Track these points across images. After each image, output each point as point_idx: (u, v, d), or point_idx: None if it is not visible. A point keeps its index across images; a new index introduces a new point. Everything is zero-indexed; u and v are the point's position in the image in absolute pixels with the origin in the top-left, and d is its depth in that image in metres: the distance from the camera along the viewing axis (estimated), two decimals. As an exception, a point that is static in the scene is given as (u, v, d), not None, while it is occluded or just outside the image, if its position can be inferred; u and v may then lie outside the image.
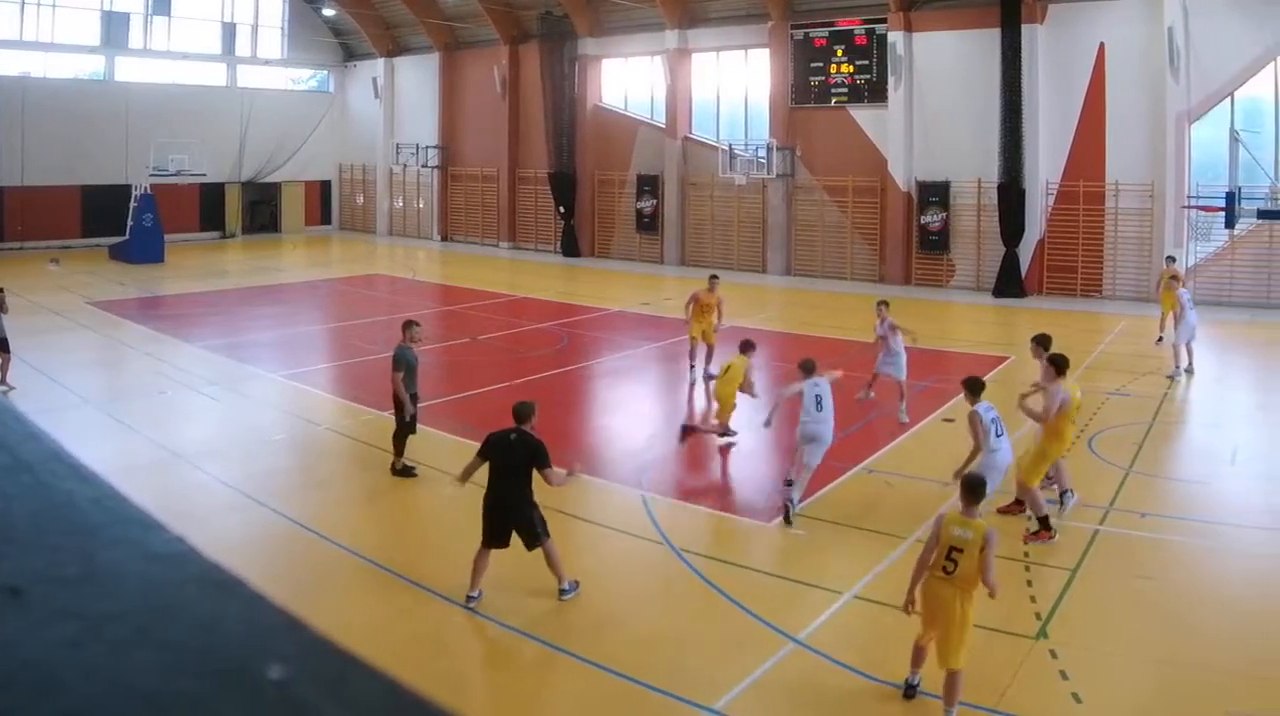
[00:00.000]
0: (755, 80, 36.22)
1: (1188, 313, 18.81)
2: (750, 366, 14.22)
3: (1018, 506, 11.40)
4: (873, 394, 16.40)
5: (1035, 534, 10.87)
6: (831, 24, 33.76)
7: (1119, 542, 10.94)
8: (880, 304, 16.75)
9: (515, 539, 9.33)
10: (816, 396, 11.75)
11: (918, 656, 7.82)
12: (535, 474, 9.34)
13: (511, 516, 9.25)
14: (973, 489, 7.84)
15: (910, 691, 7.85)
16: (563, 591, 9.38)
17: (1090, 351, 20.90)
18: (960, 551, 7.36)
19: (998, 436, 10.69)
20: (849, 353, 19.28)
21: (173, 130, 40.72)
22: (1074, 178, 29.37)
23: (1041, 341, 12.40)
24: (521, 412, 9.61)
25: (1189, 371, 18.90)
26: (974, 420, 10.67)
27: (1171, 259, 23.44)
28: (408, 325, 13.32)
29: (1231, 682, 7.91)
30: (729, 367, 14.23)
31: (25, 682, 0.57)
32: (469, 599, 9.26)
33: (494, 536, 9.30)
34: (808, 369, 12.10)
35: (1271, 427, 16.16)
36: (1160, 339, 21.21)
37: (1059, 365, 11.40)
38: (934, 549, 7.52)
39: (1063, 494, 11.81)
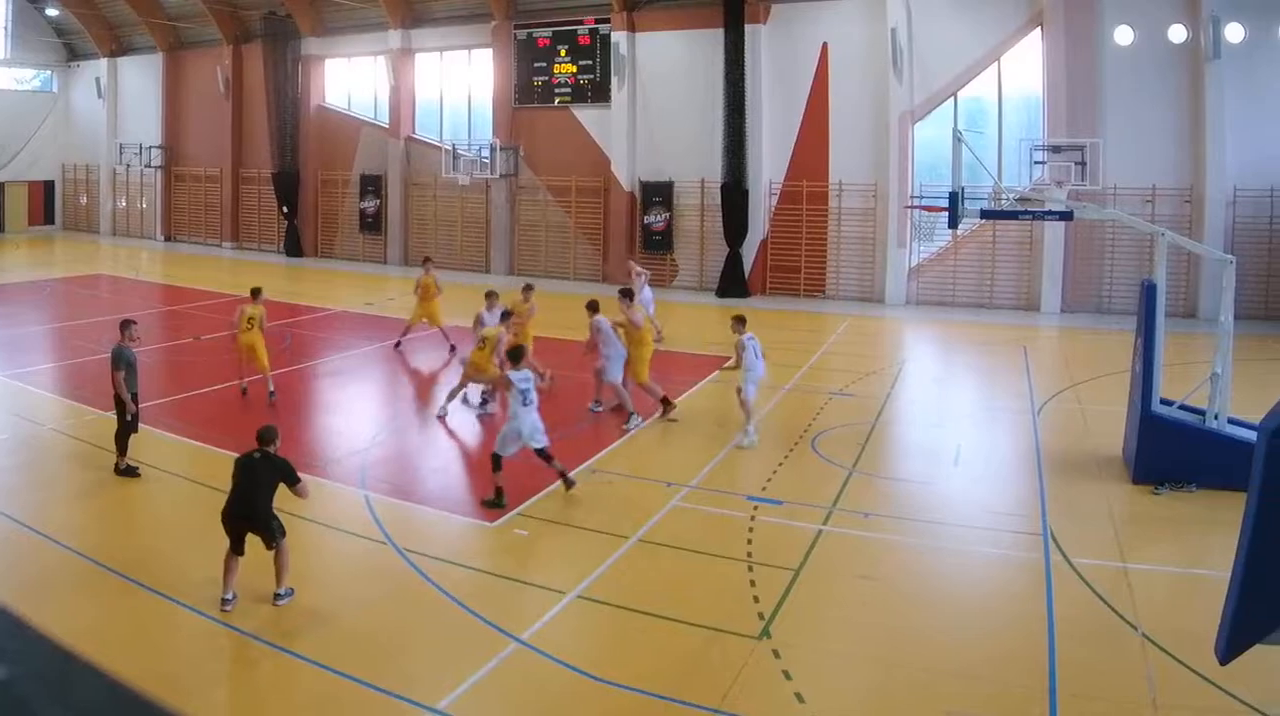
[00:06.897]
0: (479, 80, 27.02)
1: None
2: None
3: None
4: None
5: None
6: (554, 24, 25.12)
7: (842, 542, 8.14)
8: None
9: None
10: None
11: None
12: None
13: (252, 524, 6.96)
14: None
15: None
16: (278, 596, 6.90)
17: (813, 351, 16.47)
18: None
19: (756, 357, 10.58)
20: (570, 352, 15.44)
21: (-108, 130, 28.20)
22: (797, 177, 21.94)
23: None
24: (265, 436, 7.20)
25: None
26: (739, 347, 10.48)
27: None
28: (125, 324, 10.00)
29: (950, 682, 5.90)
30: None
31: None
32: (223, 602, 6.82)
33: (235, 544, 6.97)
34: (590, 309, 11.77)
35: (993, 428, 12.40)
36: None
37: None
38: None
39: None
